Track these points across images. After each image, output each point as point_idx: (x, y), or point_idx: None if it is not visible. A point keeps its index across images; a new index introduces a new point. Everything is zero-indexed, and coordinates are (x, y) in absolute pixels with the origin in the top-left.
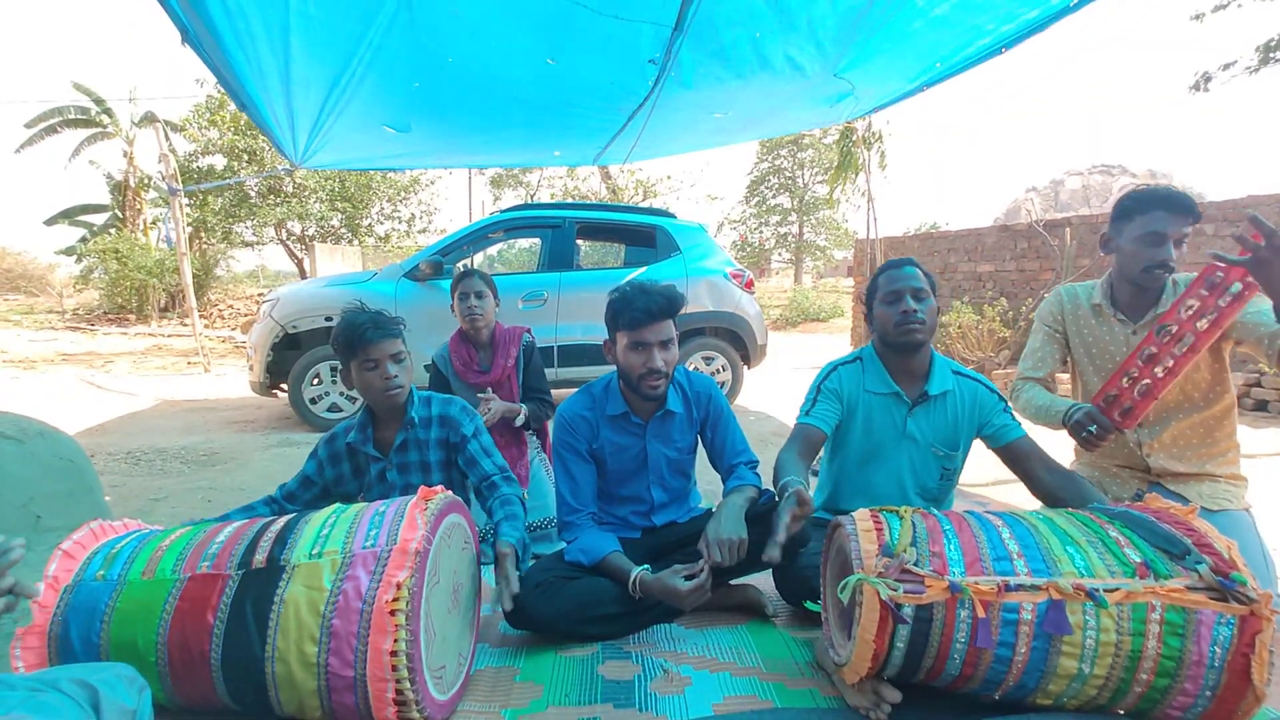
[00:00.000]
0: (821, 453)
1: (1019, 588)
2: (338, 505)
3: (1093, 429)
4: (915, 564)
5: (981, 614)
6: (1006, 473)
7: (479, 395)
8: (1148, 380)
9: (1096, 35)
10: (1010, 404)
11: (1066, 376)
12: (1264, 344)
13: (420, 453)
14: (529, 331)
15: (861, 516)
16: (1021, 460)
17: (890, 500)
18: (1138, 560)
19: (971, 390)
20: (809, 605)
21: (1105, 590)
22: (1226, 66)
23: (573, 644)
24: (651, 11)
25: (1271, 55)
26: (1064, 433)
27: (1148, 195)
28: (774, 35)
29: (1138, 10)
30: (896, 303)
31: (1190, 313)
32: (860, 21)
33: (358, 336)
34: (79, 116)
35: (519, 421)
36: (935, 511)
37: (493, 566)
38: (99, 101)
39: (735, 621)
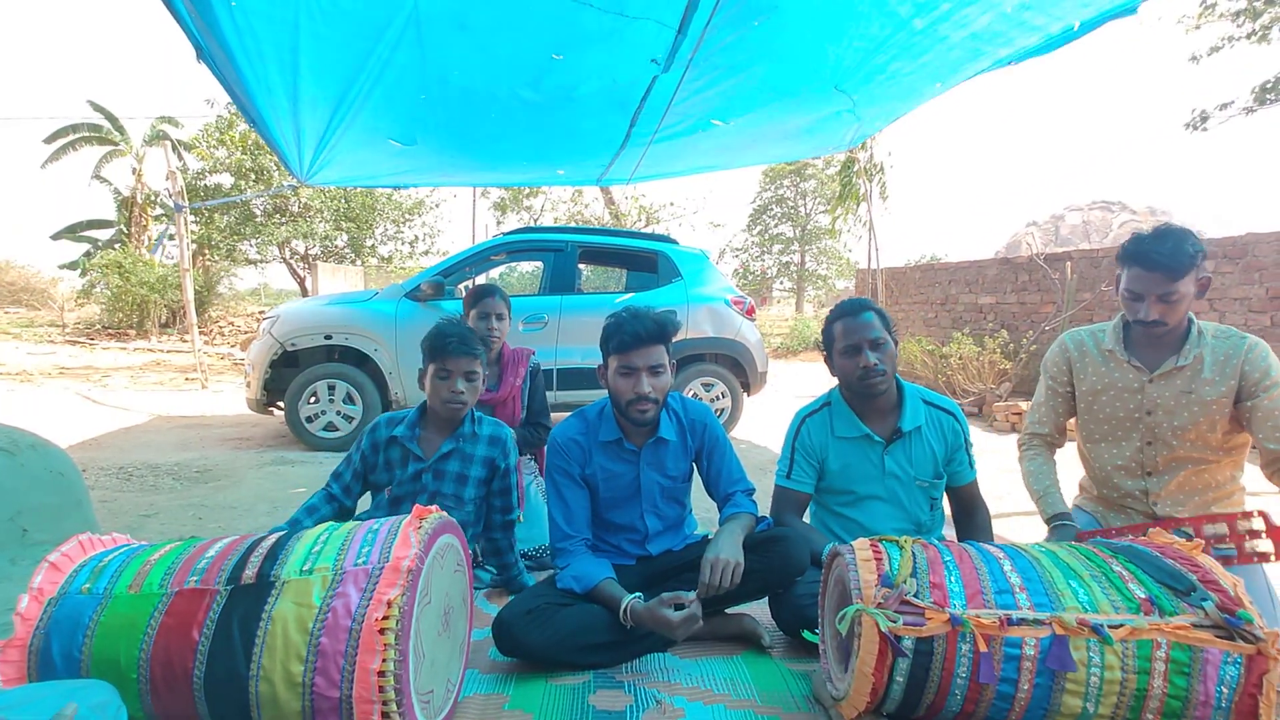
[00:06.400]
0: None
1: (1021, 622)
2: (330, 523)
3: None
4: (915, 595)
5: (983, 648)
6: (1004, 506)
7: None
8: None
9: (1098, 71)
10: (1019, 460)
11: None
12: (1263, 444)
13: (463, 465)
14: (534, 354)
15: (861, 546)
16: (962, 502)
17: None
18: (1142, 596)
19: (943, 421)
20: (806, 635)
21: (1110, 626)
22: (1223, 106)
23: (564, 672)
24: (656, 11)
25: (1267, 97)
26: (1070, 455)
27: (1131, 249)
28: (774, 42)
29: (1138, 48)
30: (854, 356)
31: (1211, 536)
32: (859, 41)
33: (441, 345)
34: (92, 134)
35: None
36: (936, 542)
37: (485, 593)
38: (112, 119)
39: (731, 652)
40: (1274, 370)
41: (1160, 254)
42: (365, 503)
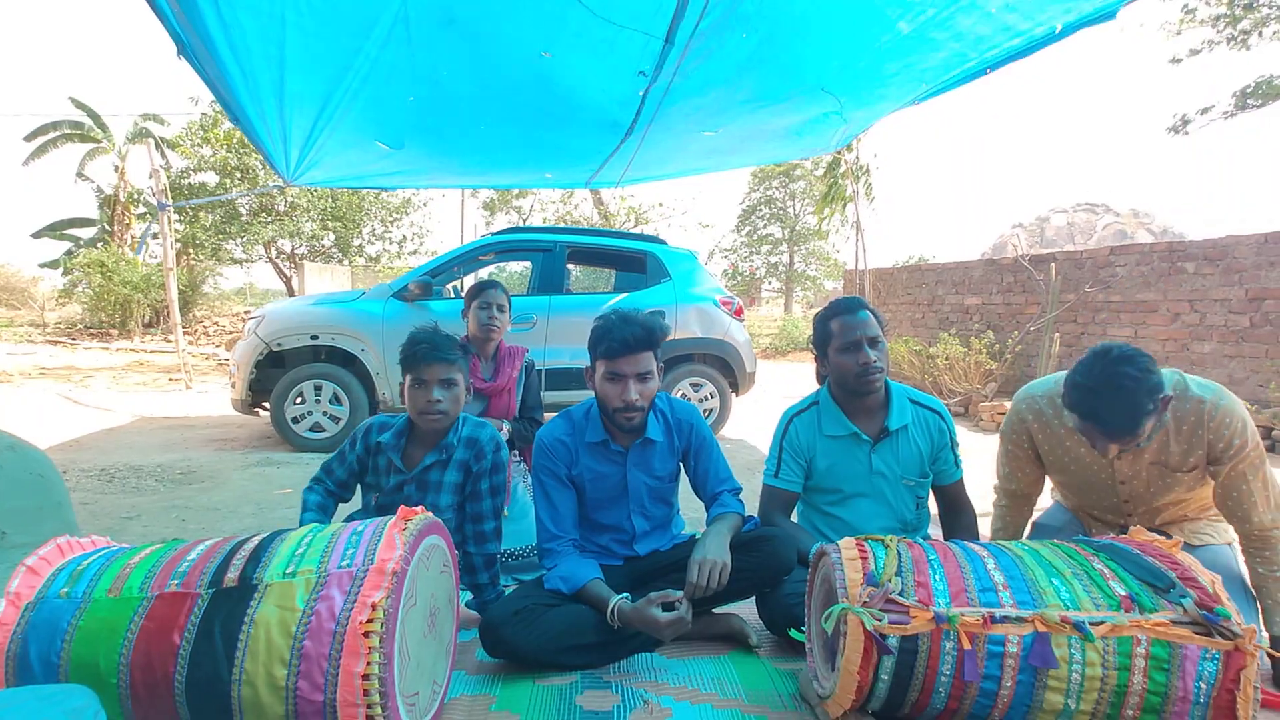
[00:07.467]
0: None
1: (1005, 619)
2: (314, 525)
3: None
4: (900, 593)
5: (967, 646)
6: (989, 505)
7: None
8: None
9: (1083, 75)
10: (993, 504)
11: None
12: (1220, 502)
13: (441, 472)
14: (527, 351)
15: (847, 545)
16: (948, 501)
17: None
18: (1123, 593)
19: (929, 420)
20: (793, 634)
21: (1091, 623)
22: (1204, 111)
23: (551, 672)
24: (643, 22)
25: (1247, 101)
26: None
27: (1082, 407)
28: (761, 46)
29: (1122, 53)
30: (855, 352)
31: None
32: (846, 44)
33: (412, 354)
34: (74, 131)
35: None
36: (921, 541)
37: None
38: (94, 116)
39: (718, 651)
40: (1236, 438)
41: (1117, 421)
42: (356, 501)
